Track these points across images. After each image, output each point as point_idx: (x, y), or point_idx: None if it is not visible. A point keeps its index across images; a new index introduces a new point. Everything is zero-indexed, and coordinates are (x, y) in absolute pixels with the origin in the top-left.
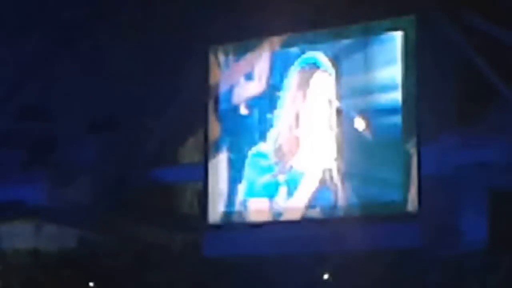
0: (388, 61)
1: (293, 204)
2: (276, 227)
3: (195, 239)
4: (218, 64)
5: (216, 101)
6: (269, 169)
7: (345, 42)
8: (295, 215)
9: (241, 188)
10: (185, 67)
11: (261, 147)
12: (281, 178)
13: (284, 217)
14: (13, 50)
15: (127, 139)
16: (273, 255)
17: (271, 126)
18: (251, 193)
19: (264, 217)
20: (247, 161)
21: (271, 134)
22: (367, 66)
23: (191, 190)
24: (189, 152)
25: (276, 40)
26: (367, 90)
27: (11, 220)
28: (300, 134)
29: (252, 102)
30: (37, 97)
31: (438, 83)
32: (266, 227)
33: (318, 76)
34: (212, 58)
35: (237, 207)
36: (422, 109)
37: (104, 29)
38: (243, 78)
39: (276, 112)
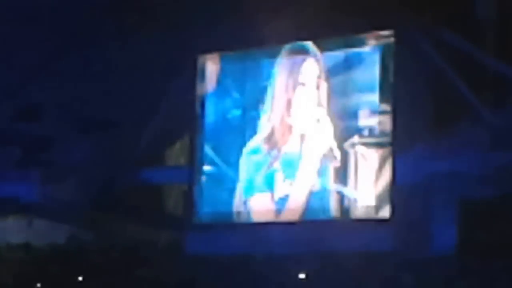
0: (366, 75)
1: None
2: (256, 228)
3: (179, 237)
4: (206, 71)
5: (203, 106)
6: (264, 162)
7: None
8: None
9: (239, 188)
10: (174, 73)
11: (251, 143)
12: (277, 165)
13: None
14: (9, 52)
15: (117, 140)
16: (253, 255)
17: (258, 118)
18: (251, 190)
19: (267, 214)
20: (242, 161)
21: (260, 126)
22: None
23: (177, 191)
24: (176, 155)
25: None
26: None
27: (5, 216)
28: (293, 122)
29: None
30: (31, 98)
31: (415, 95)
32: (248, 228)
33: (308, 62)
34: (200, 64)
35: (230, 208)
36: (398, 119)
37: (96, 34)
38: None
39: (263, 105)
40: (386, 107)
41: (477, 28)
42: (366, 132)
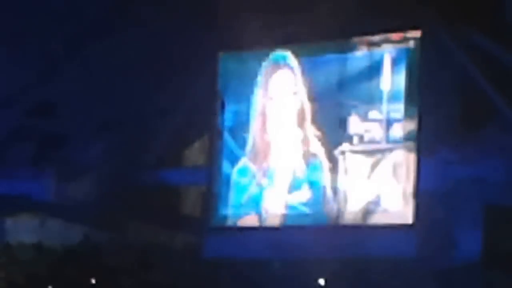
0: (392, 76)
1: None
2: (276, 231)
3: (196, 241)
4: (226, 70)
5: (223, 106)
6: (249, 184)
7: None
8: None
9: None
10: (193, 72)
11: (240, 162)
12: (264, 182)
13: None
14: (25, 50)
15: (134, 139)
16: (272, 259)
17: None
18: (238, 212)
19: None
20: (232, 180)
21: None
22: (372, 78)
23: (194, 193)
24: (194, 156)
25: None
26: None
27: (17, 214)
28: (269, 136)
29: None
30: (47, 95)
31: (440, 98)
32: (267, 231)
33: (281, 73)
34: (220, 63)
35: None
36: (423, 123)
37: (114, 32)
38: None
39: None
40: (412, 111)
41: (506, 31)
42: (396, 135)
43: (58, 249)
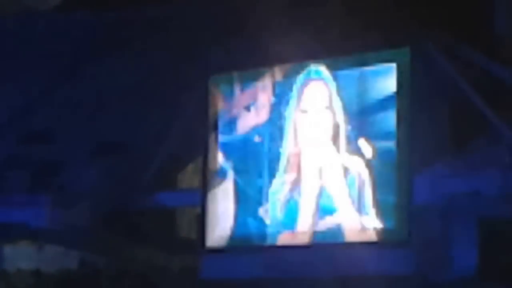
0: (382, 92)
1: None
2: (272, 251)
3: (193, 262)
4: (219, 92)
5: (216, 128)
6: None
7: (340, 72)
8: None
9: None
10: (185, 95)
11: (275, 181)
12: (297, 197)
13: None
14: (18, 76)
15: (129, 163)
16: (269, 278)
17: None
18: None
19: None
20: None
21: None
22: (361, 96)
23: (190, 215)
24: (188, 178)
25: (278, 70)
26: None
27: (15, 241)
28: (301, 150)
29: (260, 130)
30: (41, 122)
31: (432, 113)
32: (263, 252)
33: (313, 85)
34: (212, 86)
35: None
36: (416, 138)
37: (106, 57)
38: (245, 108)
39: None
40: (403, 126)
41: (495, 44)
42: (381, 153)
43: (56, 275)
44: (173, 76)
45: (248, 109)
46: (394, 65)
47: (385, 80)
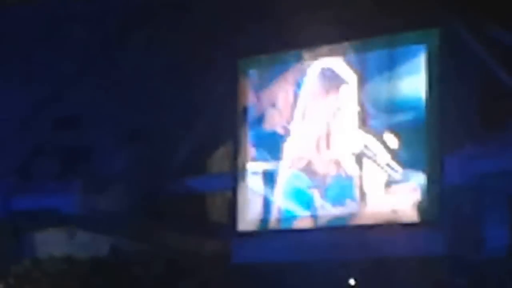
0: (412, 73)
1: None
2: (303, 234)
3: (225, 247)
4: (247, 76)
5: (245, 112)
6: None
7: (370, 54)
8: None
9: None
10: (214, 79)
11: (289, 167)
12: (316, 192)
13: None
14: (49, 64)
15: (159, 149)
16: (300, 262)
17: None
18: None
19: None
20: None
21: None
22: (392, 77)
23: (221, 199)
24: (218, 163)
25: (306, 53)
26: (392, 102)
27: (46, 228)
28: (333, 156)
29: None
30: (72, 109)
31: (461, 94)
32: (294, 234)
33: (344, 90)
34: (240, 70)
35: (275, 214)
36: (446, 120)
37: (136, 44)
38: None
39: (293, 125)
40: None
41: None
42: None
43: (87, 261)
44: (202, 61)
45: (274, 105)
46: (423, 46)
47: (415, 62)
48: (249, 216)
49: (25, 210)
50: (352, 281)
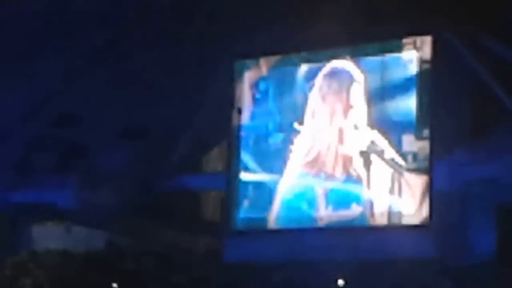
0: (403, 79)
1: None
2: (294, 234)
3: (217, 245)
4: (243, 77)
5: (241, 113)
6: (308, 188)
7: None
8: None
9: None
10: (211, 79)
11: (295, 166)
12: (321, 191)
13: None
14: (48, 59)
15: (156, 147)
16: (292, 261)
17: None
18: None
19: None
20: (283, 182)
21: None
22: (383, 82)
23: (215, 197)
24: (213, 161)
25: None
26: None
27: (43, 222)
28: (345, 151)
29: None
30: (70, 104)
31: (452, 101)
32: (286, 234)
33: (354, 89)
34: (237, 71)
35: (269, 214)
36: (436, 126)
37: (135, 41)
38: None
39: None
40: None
41: None
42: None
43: (82, 255)
44: (199, 60)
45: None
46: (416, 53)
47: (407, 68)
48: (242, 215)
49: (22, 204)
50: (341, 282)
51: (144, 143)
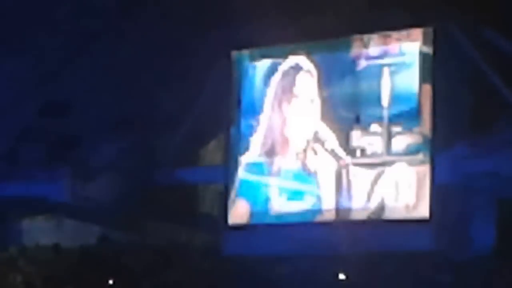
0: (405, 71)
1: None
2: (294, 228)
3: (215, 239)
4: (240, 69)
5: (238, 105)
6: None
7: (364, 50)
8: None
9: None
10: (208, 70)
11: (251, 154)
12: (273, 181)
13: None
14: (37, 48)
15: (150, 139)
16: (290, 256)
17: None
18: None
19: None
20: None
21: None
22: (384, 75)
23: (212, 191)
24: (210, 155)
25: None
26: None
27: (34, 216)
28: (290, 135)
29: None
30: (60, 94)
31: (453, 94)
32: (285, 228)
33: (301, 76)
34: (234, 62)
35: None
36: (437, 119)
37: (129, 30)
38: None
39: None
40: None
41: None
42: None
43: (75, 250)
44: (196, 52)
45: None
46: (417, 45)
47: (407, 61)
48: (240, 209)
49: (12, 197)
50: (342, 276)
51: (139, 134)
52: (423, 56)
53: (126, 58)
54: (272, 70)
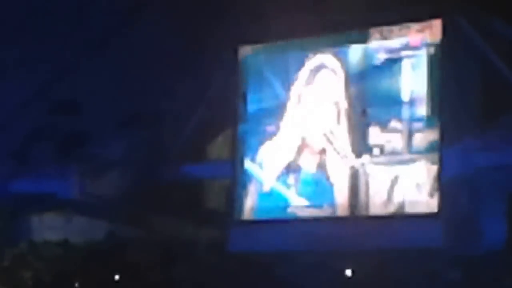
0: (413, 65)
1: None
2: (301, 224)
3: (221, 234)
4: (248, 64)
5: (245, 100)
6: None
7: (371, 45)
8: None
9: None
10: (216, 66)
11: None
12: (291, 179)
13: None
14: (46, 47)
15: (157, 135)
16: (296, 252)
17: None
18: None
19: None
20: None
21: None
22: (392, 69)
23: (219, 186)
24: (217, 149)
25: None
26: (392, 94)
27: (43, 212)
28: (308, 135)
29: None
30: (69, 92)
31: (462, 86)
32: (292, 224)
33: (323, 74)
34: (241, 57)
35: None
36: (446, 112)
37: (135, 28)
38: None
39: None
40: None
41: None
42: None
43: (83, 246)
44: (203, 47)
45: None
46: (425, 38)
47: (415, 54)
48: (246, 204)
49: (22, 193)
50: (348, 272)
51: (147, 131)
52: (435, 48)
53: (134, 56)
54: (282, 65)
